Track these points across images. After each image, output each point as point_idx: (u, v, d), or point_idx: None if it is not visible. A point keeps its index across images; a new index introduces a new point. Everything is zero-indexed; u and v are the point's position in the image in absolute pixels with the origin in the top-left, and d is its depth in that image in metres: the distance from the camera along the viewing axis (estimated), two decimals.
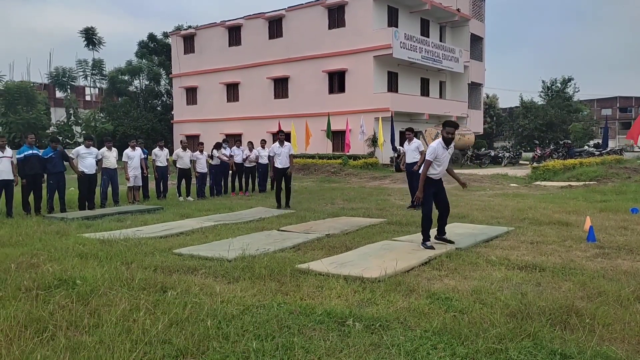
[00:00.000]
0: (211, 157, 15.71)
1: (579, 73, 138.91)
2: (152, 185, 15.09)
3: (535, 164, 23.42)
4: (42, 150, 11.82)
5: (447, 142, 7.16)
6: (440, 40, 34.26)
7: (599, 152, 28.19)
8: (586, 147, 32.29)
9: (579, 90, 47.75)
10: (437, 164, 7.13)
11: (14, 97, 33.91)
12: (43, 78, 43.05)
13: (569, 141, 32.05)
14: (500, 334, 3.85)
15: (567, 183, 17.37)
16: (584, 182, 17.29)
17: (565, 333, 3.92)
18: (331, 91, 30.93)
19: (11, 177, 10.93)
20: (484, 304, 4.58)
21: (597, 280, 5.30)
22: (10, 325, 4.09)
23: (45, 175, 11.69)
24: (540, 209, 11.01)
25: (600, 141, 34.27)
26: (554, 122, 43.84)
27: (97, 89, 44.12)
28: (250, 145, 16.91)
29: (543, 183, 18.02)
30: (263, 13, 33.43)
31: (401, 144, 15.71)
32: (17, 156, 11.26)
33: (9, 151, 11.06)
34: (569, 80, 46.83)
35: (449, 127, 7.07)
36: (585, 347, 3.65)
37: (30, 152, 11.33)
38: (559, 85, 47.08)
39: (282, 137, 12.32)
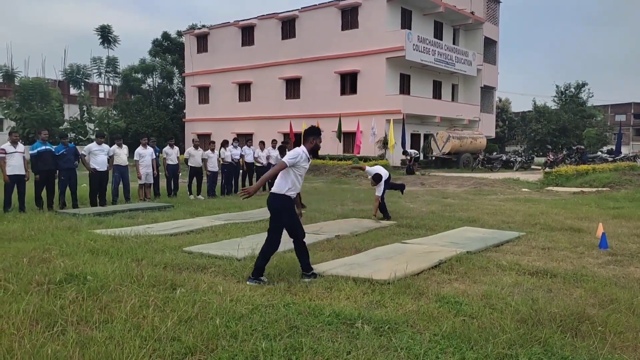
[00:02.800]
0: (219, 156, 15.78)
1: (594, 78, 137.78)
2: (163, 183, 15.17)
3: (547, 169, 23.23)
4: (55, 147, 11.92)
5: (314, 152, 5.75)
6: (454, 43, 34.12)
7: (612, 159, 27.91)
8: (599, 153, 31.95)
9: (592, 96, 47.24)
10: (299, 176, 5.63)
11: (28, 93, 34.24)
12: (57, 75, 43.39)
13: (582, 147, 31.74)
14: (510, 340, 3.82)
15: (579, 189, 17.21)
16: (596, 188, 17.13)
17: (576, 340, 3.88)
18: (343, 92, 30.91)
19: (24, 172, 11.04)
20: (494, 309, 4.55)
21: (609, 288, 5.24)
22: (21, 319, 4.13)
23: (57, 171, 11.79)
24: (552, 214, 10.92)
25: (613, 147, 33.94)
26: (567, 127, 43.49)
27: (110, 87, 44.49)
28: (262, 145, 16.99)
29: (555, 188, 17.87)
30: (276, 13, 33.51)
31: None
32: (31, 152, 11.37)
33: (21, 146, 11.16)
34: (583, 85, 46.43)
35: (318, 135, 5.80)
36: (597, 355, 3.61)
37: (44, 147, 11.42)
38: (573, 90, 46.68)
39: (283, 144, 12.51)
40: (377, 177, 10.42)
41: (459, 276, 5.83)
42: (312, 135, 5.74)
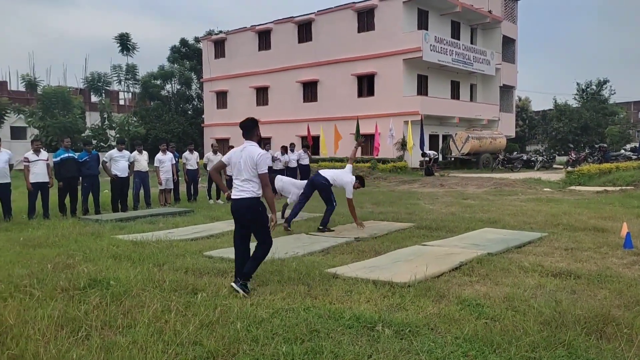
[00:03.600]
0: None
1: (616, 74, 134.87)
2: (183, 188, 15.32)
3: (569, 168, 22.90)
4: (77, 154, 12.13)
5: (259, 144, 5.75)
6: (472, 43, 33.86)
7: (636, 156, 27.40)
8: (623, 151, 31.39)
9: (615, 93, 46.56)
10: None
11: (51, 102, 34.82)
12: (79, 83, 44.08)
13: (605, 145, 31.26)
14: (534, 343, 3.77)
15: (602, 188, 16.93)
16: (620, 187, 16.82)
17: (601, 342, 3.81)
18: (360, 94, 30.87)
19: (47, 179, 11.26)
20: (516, 312, 4.49)
21: (634, 289, 5.14)
22: (47, 325, 4.20)
23: (80, 178, 11.99)
24: (575, 214, 10.75)
25: (637, 145, 33.32)
26: (589, 125, 42.83)
27: (130, 94, 45.03)
28: (283, 150, 17.48)
29: (578, 188, 17.60)
30: (293, 17, 33.63)
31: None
32: (54, 159, 11.58)
33: (44, 154, 11.39)
34: (605, 82, 45.69)
35: (258, 124, 5.55)
36: (623, 357, 3.55)
37: (67, 155, 11.63)
38: (594, 87, 45.97)
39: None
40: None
41: (480, 278, 5.78)
42: (256, 128, 5.47)
